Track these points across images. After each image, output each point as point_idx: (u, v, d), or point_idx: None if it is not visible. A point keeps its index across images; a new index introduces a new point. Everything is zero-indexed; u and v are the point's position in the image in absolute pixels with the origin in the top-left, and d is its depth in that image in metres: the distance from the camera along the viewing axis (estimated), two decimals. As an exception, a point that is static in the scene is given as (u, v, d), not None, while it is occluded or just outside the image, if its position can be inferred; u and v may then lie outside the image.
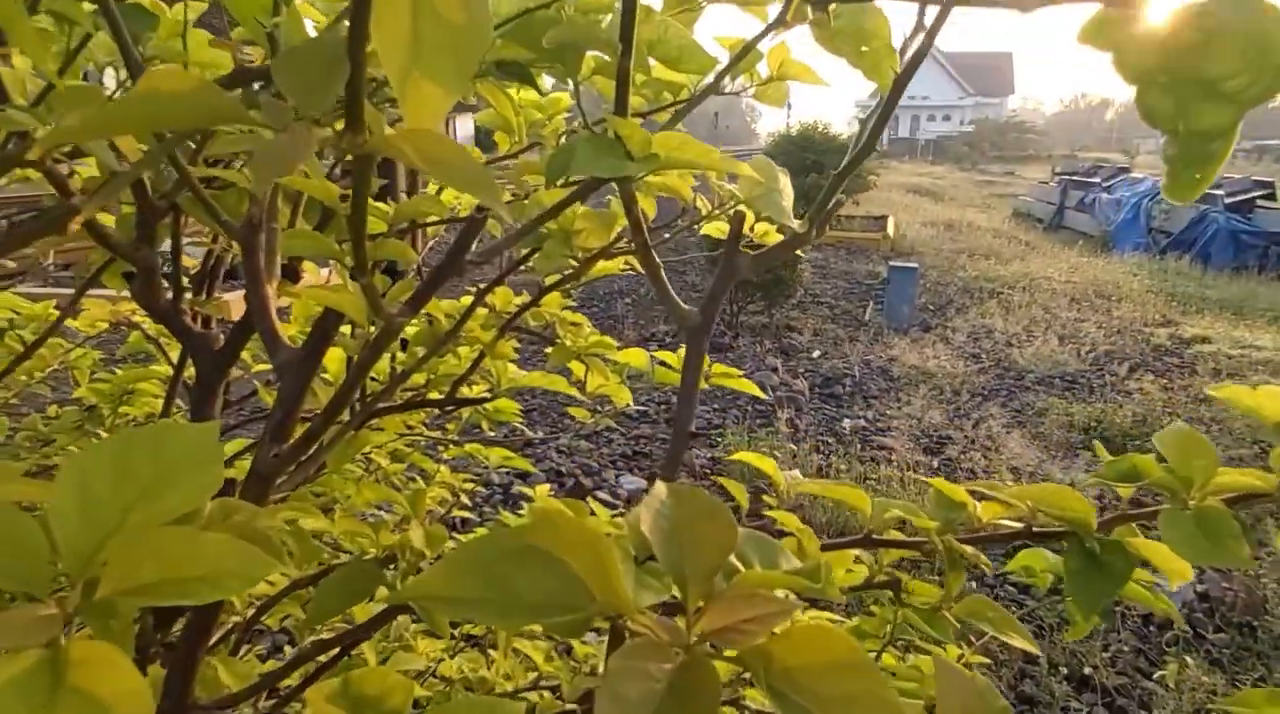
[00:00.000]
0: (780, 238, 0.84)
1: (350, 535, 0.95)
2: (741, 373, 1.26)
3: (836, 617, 1.04)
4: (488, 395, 0.79)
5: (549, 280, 0.66)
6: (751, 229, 1.13)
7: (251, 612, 0.78)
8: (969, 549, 0.50)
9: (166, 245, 0.76)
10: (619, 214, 0.54)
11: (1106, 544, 0.47)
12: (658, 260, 0.53)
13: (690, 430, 0.53)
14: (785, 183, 0.54)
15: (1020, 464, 4.35)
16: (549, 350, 0.88)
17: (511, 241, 0.47)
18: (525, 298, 0.96)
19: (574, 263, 0.58)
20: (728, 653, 0.26)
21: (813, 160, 13.14)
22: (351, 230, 0.31)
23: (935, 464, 4.29)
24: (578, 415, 1.22)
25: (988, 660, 1.53)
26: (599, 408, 1.29)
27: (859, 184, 13.47)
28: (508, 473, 4.07)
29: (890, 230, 12.26)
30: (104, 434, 1.22)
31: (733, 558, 0.32)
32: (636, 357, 1.19)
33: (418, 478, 1.52)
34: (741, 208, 0.56)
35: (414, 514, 0.61)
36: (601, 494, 3.89)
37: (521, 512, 1.61)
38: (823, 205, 0.53)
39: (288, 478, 0.54)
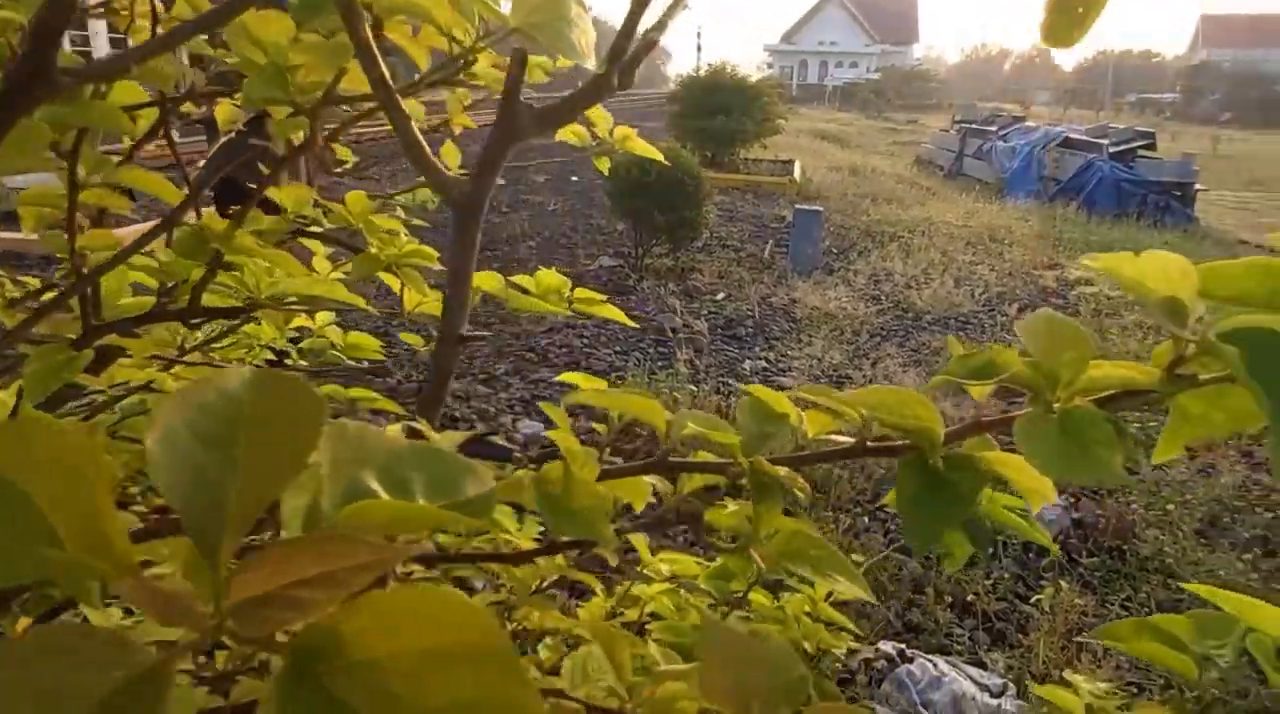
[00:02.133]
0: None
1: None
2: (618, 310, 1.15)
3: (702, 561, 0.96)
4: (243, 306, 0.65)
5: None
6: (612, 135, 1.00)
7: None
8: (782, 471, 0.40)
9: None
10: (348, 43, 0.40)
11: (952, 459, 0.38)
12: (406, 110, 0.40)
13: (460, 335, 0.41)
14: (578, 12, 0.42)
15: (914, 401, 4.44)
16: (353, 260, 0.74)
17: (153, 49, 0.34)
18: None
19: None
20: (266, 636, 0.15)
21: (722, 102, 13.03)
22: None
23: (832, 403, 4.33)
24: (411, 342, 1.09)
25: (869, 596, 1.49)
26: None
27: (768, 128, 13.45)
28: (397, 419, 3.88)
29: (797, 174, 12.32)
30: None
31: (374, 484, 0.21)
32: (487, 280, 1.06)
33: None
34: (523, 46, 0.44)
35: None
36: (496, 440, 3.76)
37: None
38: (626, 36, 0.41)
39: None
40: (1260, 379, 0.28)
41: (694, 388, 4.31)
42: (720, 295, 6.35)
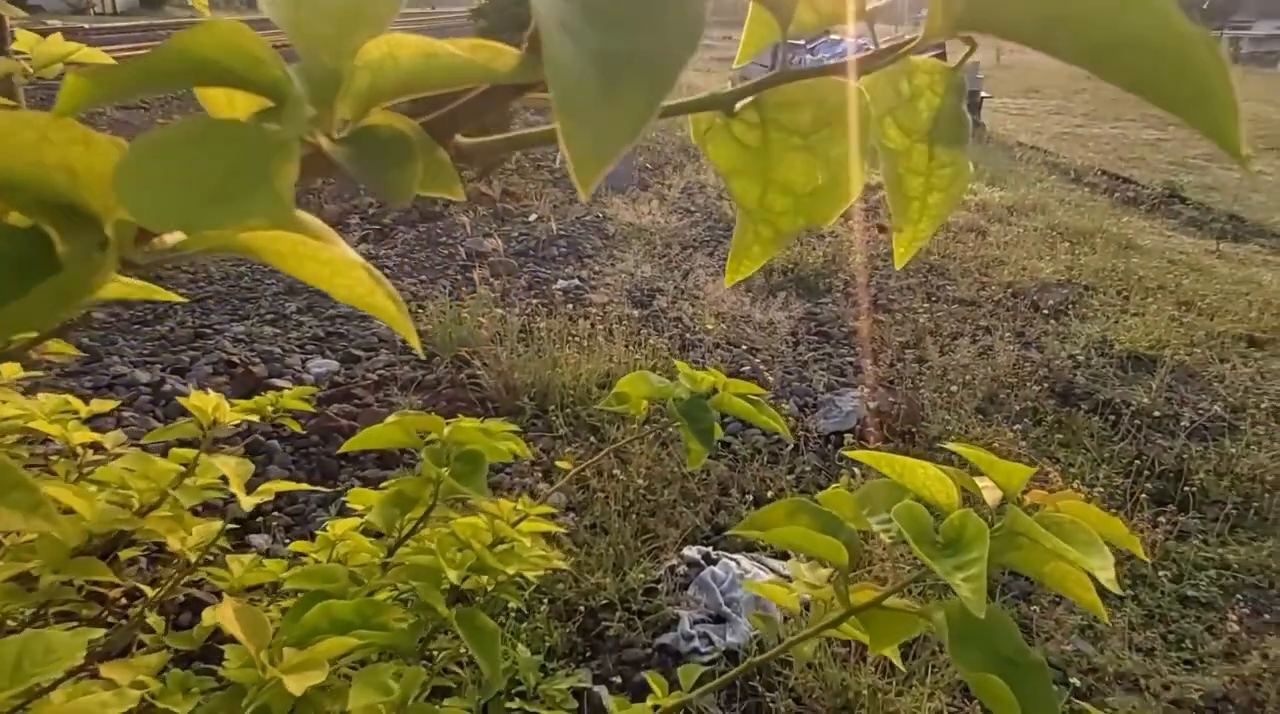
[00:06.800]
0: None
1: None
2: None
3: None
4: None
5: None
6: None
7: None
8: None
9: None
10: None
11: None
12: None
13: None
14: None
15: (724, 309, 4.47)
16: None
17: None
18: None
19: None
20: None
21: (528, 14, 12.43)
22: None
23: (643, 316, 4.28)
24: None
25: (552, 509, 1.42)
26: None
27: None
28: (163, 368, 3.47)
29: (612, 91, 12.09)
30: None
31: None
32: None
33: None
34: None
35: None
36: (282, 381, 3.44)
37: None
38: None
39: None
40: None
41: (501, 311, 4.12)
42: (533, 217, 6.12)
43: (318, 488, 1.77)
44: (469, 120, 0.24)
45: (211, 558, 1.14)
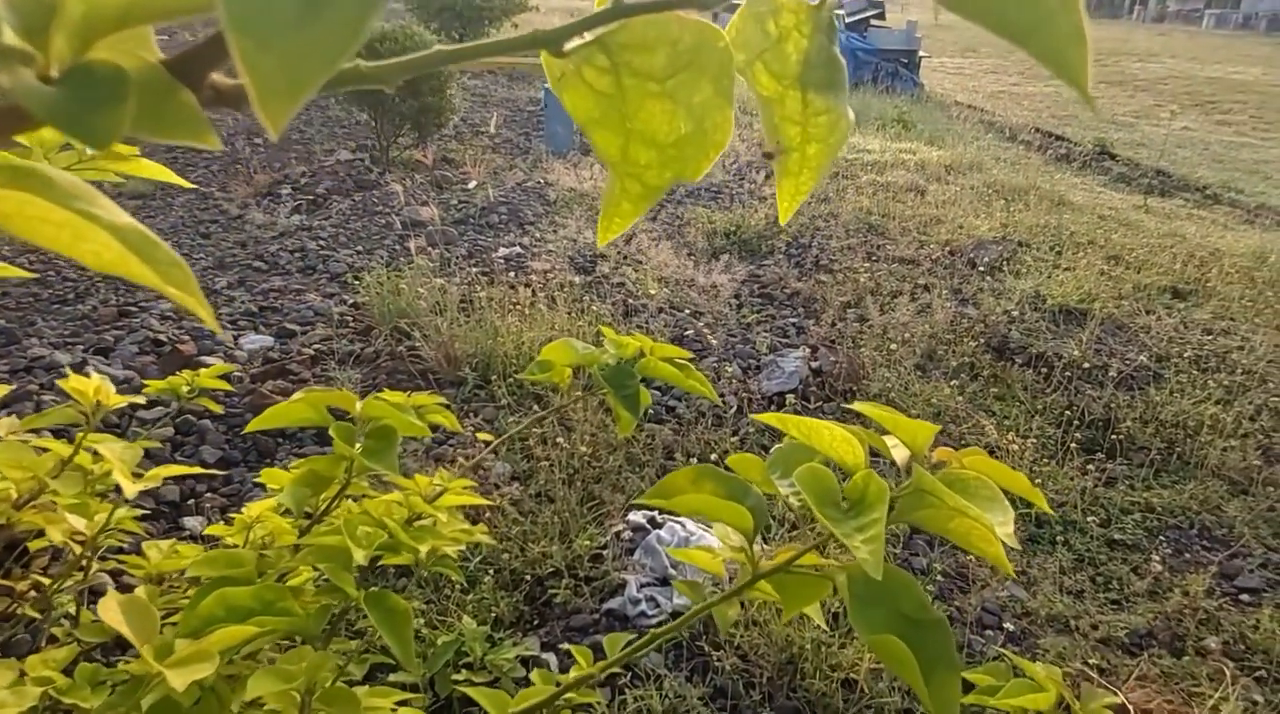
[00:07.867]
0: None
1: None
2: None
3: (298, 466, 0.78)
4: None
5: None
6: None
7: None
8: None
9: None
10: None
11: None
12: None
13: None
14: None
15: (667, 273, 4.46)
16: None
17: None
18: None
19: None
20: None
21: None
22: None
23: (585, 282, 4.24)
24: None
25: (472, 482, 1.40)
26: None
27: (519, 5, 12.78)
28: (85, 349, 3.33)
29: (552, 53, 11.83)
30: None
31: None
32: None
33: None
34: None
35: None
36: (213, 359, 3.33)
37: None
38: None
39: None
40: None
41: (441, 281, 4.04)
42: (472, 184, 5.99)
43: (209, 471, 1.73)
44: (226, 58, 0.21)
45: (129, 544, 1.09)
